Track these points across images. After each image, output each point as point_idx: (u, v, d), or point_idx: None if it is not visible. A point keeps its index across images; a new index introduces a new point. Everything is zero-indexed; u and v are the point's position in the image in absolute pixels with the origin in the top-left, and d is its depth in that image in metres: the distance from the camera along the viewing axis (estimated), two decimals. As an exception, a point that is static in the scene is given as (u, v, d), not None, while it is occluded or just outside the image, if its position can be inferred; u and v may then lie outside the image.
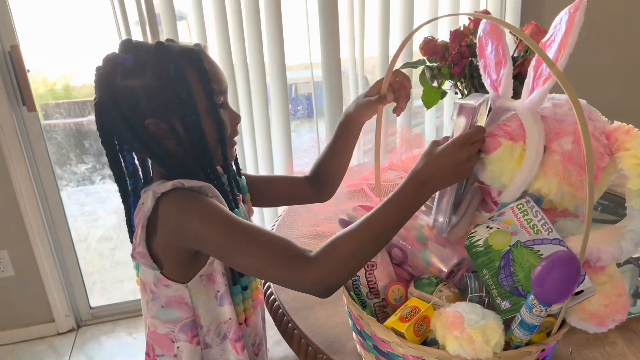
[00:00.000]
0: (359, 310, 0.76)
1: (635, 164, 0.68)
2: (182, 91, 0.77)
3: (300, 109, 2.44)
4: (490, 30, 0.83)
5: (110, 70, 0.78)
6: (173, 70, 0.77)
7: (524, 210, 0.73)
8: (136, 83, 0.77)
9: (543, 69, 0.73)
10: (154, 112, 0.78)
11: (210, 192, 0.80)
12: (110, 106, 0.77)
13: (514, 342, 0.67)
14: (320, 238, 1.18)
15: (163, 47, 0.79)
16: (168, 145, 0.80)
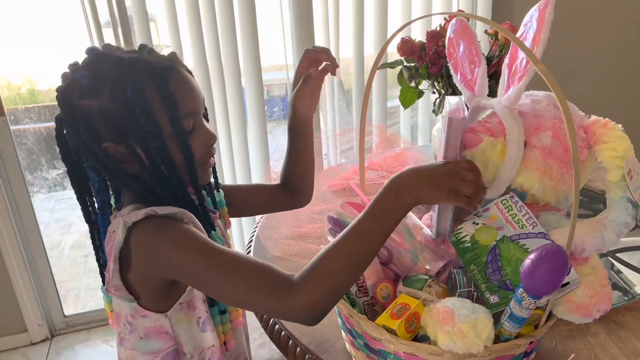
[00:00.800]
0: (349, 309, 0.76)
1: (614, 156, 0.70)
2: (141, 115, 0.70)
3: (276, 111, 2.44)
4: (460, 31, 0.85)
5: (68, 87, 0.72)
6: (131, 91, 0.70)
7: (508, 205, 0.74)
8: (92, 104, 0.71)
9: (518, 66, 0.75)
10: (111, 136, 0.72)
11: (185, 217, 0.74)
12: (69, 124, 0.73)
13: (504, 336, 0.68)
14: (303, 239, 1.18)
15: (124, 62, 0.71)
16: (130, 169, 0.74)
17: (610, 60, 2.31)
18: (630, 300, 0.98)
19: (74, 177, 0.78)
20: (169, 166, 0.74)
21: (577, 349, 0.85)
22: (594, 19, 2.25)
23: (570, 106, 0.75)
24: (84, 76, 0.71)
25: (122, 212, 0.74)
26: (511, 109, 0.74)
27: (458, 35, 0.84)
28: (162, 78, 0.72)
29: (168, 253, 0.69)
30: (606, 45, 2.28)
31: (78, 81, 0.71)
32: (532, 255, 0.62)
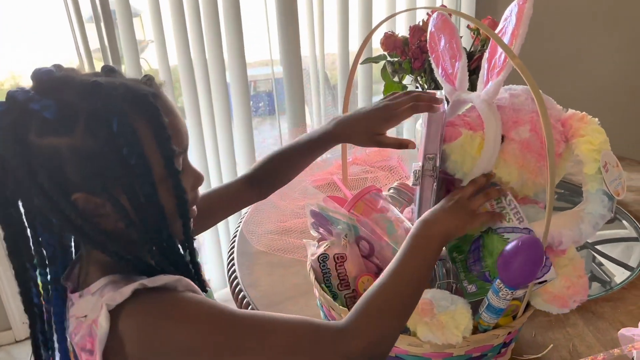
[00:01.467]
0: (330, 302, 0.76)
1: (590, 149, 0.71)
2: (131, 155, 0.56)
3: (261, 106, 2.43)
4: (441, 25, 0.85)
5: (21, 120, 0.54)
6: (117, 125, 0.55)
7: (498, 198, 0.75)
8: (60, 143, 0.54)
9: (497, 60, 0.75)
10: (85, 184, 0.56)
11: (180, 285, 0.60)
12: (20, 170, 0.54)
13: (482, 326, 0.69)
14: (287, 233, 1.19)
15: (100, 88, 0.55)
16: (105, 224, 0.60)
17: (594, 58, 2.34)
18: (608, 291, 1.00)
19: (14, 242, 0.60)
20: (159, 217, 0.60)
21: (556, 339, 0.87)
22: (580, 17, 2.28)
23: (548, 100, 0.76)
24: (48, 107, 0.54)
25: (91, 289, 0.59)
26: (489, 103, 0.75)
27: (439, 29, 0.85)
28: (152, 108, 0.58)
29: (177, 336, 0.55)
30: (592, 43, 2.31)
31: (37, 114, 0.54)
32: (509, 247, 0.63)
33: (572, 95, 1.82)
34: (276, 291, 1.03)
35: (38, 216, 0.60)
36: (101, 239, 0.59)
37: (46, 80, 0.56)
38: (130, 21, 1.75)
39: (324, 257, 0.81)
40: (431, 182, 0.79)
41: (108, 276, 0.59)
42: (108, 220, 0.59)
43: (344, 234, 0.83)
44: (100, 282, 0.59)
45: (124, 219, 0.58)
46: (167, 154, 0.59)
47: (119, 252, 0.59)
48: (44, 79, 0.57)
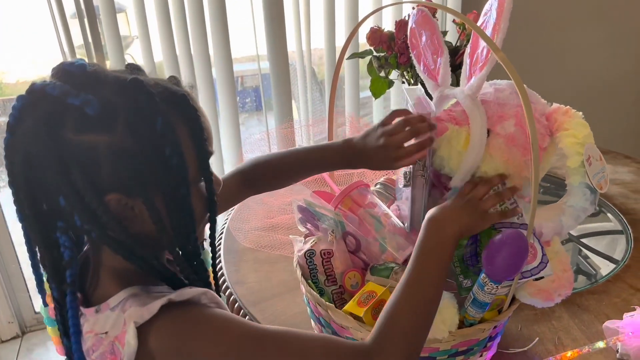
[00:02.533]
0: (317, 298, 0.76)
1: (574, 142, 0.71)
2: (173, 156, 0.54)
3: (248, 102, 2.42)
4: (422, 21, 0.84)
5: (56, 114, 0.52)
6: (161, 125, 0.53)
7: None
8: (99, 140, 0.52)
9: (479, 55, 0.75)
10: (121, 185, 0.54)
11: (205, 298, 0.58)
12: (52, 168, 0.52)
13: (468, 320, 0.69)
14: (274, 230, 1.18)
15: (141, 86, 0.53)
16: (133, 227, 0.57)
17: (580, 53, 2.35)
18: (593, 284, 1.01)
19: (44, 240, 0.57)
20: (190, 219, 0.58)
21: (542, 332, 0.87)
22: (566, 12, 2.29)
23: (533, 94, 0.76)
24: (89, 102, 0.51)
25: (109, 303, 0.57)
26: (474, 97, 0.75)
27: (420, 25, 0.85)
28: (191, 109, 0.57)
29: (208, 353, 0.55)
30: (577, 38, 2.32)
31: (76, 109, 0.51)
32: (493, 241, 0.63)
33: (558, 89, 1.83)
34: (263, 288, 1.03)
35: (61, 217, 0.56)
36: (129, 243, 0.56)
37: (80, 74, 0.53)
38: (114, 17, 1.73)
39: (311, 253, 0.81)
40: (422, 182, 0.79)
41: (127, 289, 0.57)
42: (136, 223, 0.57)
43: (330, 230, 0.83)
44: (119, 295, 0.57)
45: (157, 221, 0.55)
46: (204, 155, 0.59)
47: (145, 257, 0.57)
48: (77, 73, 0.53)
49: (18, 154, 0.53)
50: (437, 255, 0.64)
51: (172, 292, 0.57)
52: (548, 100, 0.78)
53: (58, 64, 0.54)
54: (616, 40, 2.32)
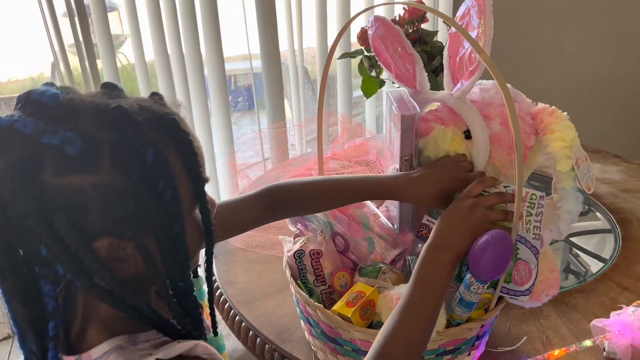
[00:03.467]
0: (305, 298, 0.76)
1: (562, 146, 0.72)
2: (166, 190, 0.48)
3: (240, 101, 2.42)
4: (384, 31, 0.83)
5: (31, 156, 0.45)
6: (152, 156, 0.47)
7: (533, 201, 0.71)
8: (84, 182, 0.46)
9: (465, 58, 0.75)
10: (111, 227, 0.48)
11: (196, 351, 0.54)
12: (31, 217, 0.45)
13: (455, 320, 0.70)
14: (265, 230, 1.18)
15: (125, 114, 0.47)
16: (124, 269, 0.51)
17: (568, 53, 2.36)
18: (581, 282, 1.01)
19: (25, 293, 0.50)
20: (184, 255, 0.52)
21: (530, 331, 0.88)
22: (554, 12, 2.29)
23: (518, 94, 0.77)
24: (69, 140, 0.45)
25: (91, 354, 0.52)
26: (464, 100, 0.75)
27: (381, 37, 0.84)
28: (182, 133, 0.51)
29: None
30: (566, 38, 2.33)
31: (54, 149, 0.45)
32: (478, 242, 0.63)
33: (547, 88, 1.84)
34: (253, 288, 1.03)
35: (43, 265, 0.50)
36: (118, 292, 0.50)
37: (53, 106, 0.46)
38: (105, 16, 1.72)
39: (300, 254, 0.81)
40: None
41: (112, 340, 0.52)
42: (126, 265, 0.51)
43: (319, 230, 0.83)
44: (103, 346, 0.52)
45: (149, 263, 0.50)
46: (199, 183, 0.53)
47: (136, 305, 0.51)
48: (49, 105, 0.46)
49: None
50: (435, 282, 0.64)
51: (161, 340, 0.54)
52: (538, 99, 0.79)
53: (25, 93, 0.48)
54: (607, 40, 2.33)
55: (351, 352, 0.74)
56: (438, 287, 0.64)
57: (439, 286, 0.64)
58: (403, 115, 0.73)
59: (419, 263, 0.65)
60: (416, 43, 1.25)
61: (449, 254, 0.65)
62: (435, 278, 0.64)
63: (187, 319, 0.55)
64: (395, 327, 0.61)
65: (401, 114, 0.72)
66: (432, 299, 0.63)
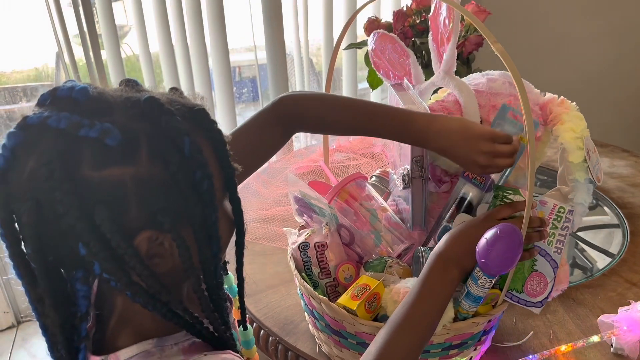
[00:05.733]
0: (310, 291, 0.75)
1: (574, 137, 0.71)
2: (203, 180, 0.48)
3: (245, 92, 2.40)
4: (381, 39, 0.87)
5: (69, 151, 0.44)
6: (189, 146, 0.47)
7: (560, 215, 0.70)
8: (124, 173, 0.45)
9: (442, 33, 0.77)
10: (152, 221, 0.47)
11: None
12: (71, 213, 0.44)
13: (462, 314, 0.69)
14: (270, 222, 1.17)
15: (158, 105, 0.47)
16: (160, 267, 0.50)
17: (576, 44, 2.34)
18: (589, 278, 1.00)
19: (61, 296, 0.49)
20: (218, 247, 0.51)
21: (537, 326, 0.87)
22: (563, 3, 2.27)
23: (526, 84, 0.76)
24: (108, 132, 0.44)
25: (119, 356, 0.52)
26: (451, 73, 0.76)
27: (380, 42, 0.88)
28: (212, 124, 0.51)
29: None
30: (574, 29, 2.30)
31: (96, 141, 0.44)
32: (488, 235, 0.62)
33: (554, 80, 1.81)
34: (257, 280, 1.02)
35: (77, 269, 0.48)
36: (155, 289, 0.48)
37: (85, 100, 0.46)
38: (110, 6, 1.71)
39: (305, 246, 0.80)
40: (420, 183, 0.79)
41: (141, 344, 0.51)
42: (164, 261, 0.50)
43: (324, 222, 0.82)
44: (131, 350, 0.51)
45: (185, 255, 0.49)
46: (230, 172, 0.53)
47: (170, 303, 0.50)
48: (80, 99, 0.46)
49: (20, 202, 0.44)
50: (439, 297, 0.64)
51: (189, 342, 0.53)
52: (544, 91, 0.78)
53: (50, 91, 0.47)
54: (614, 32, 2.31)
55: (356, 345, 0.73)
56: (441, 301, 0.64)
57: (442, 300, 0.64)
58: None
59: (426, 271, 0.65)
60: (423, 34, 1.24)
61: (456, 270, 0.65)
62: (440, 292, 0.64)
63: (217, 314, 0.54)
64: (394, 337, 0.61)
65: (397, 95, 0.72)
66: (433, 311, 0.64)
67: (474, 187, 0.73)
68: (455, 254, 0.65)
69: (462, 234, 0.67)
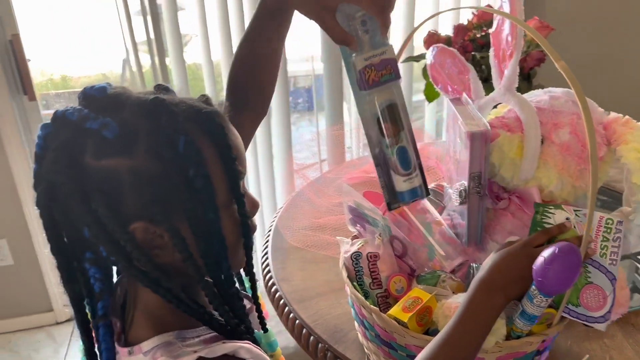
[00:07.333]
0: (362, 301, 0.76)
1: (638, 157, 0.69)
2: (197, 178, 0.51)
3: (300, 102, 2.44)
4: (440, 53, 0.88)
5: (75, 141, 0.50)
6: (184, 145, 0.51)
7: (609, 227, 0.67)
8: (120, 165, 0.50)
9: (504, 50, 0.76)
10: (146, 211, 0.51)
11: (244, 352, 0.55)
12: (73, 197, 0.50)
13: (515, 333, 0.68)
14: (321, 230, 1.19)
15: (163, 105, 0.51)
16: (161, 257, 0.54)
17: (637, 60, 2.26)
18: (650, 303, 0.96)
19: (68, 272, 0.54)
20: (221, 246, 0.55)
21: (592, 350, 0.84)
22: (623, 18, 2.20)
23: (590, 103, 0.74)
24: (107, 125, 0.49)
25: (142, 348, 0.55)
26: (510, 88, 0.76)
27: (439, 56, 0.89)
28: (218, 127, 0.54)
29: None
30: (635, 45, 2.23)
31: (95, 133, 0.49)
32: (545, 253, 0.61)
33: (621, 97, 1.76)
34: (308, 286, 1.03)
35: (86, 248, 0.54)
36: (155, 275, 0.53)
37: (100, 98, 0.52)
38: (175, 15, 1.78)
39: (357, 256, 0.81)
40: (477, 199, 0.78)
41: (161, 335, 0.55)
42: (164, 252, 0.54)
43: (378, 233, 0.83)
44: (153, 341, 0.54)
45: (183, 250, 0.53)
46: (233, 176, 0.55)
47: (172, 289, 0.54)
48: (97, 96, 0.52)
49: (42, 184, 0.51)
50: (481, 322, 0.62)
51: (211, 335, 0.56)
52: (607, 109, 0.76)
53: (82, 89, 0.53)
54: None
55: (406, 357, 0.74)
56: (482, 327, 0.62)
57: (483, 327, 0.62)
58: (472, 133, 0.71)
59: (470, 295, 0.63)
60: (483, 48, 1.23)
61: (500, 298, 0.63)
62: (483, 318, 0.62)
63: (230, 313, 0.56)
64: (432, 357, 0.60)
65: (469, 131, 0.71)
66: (474, 337, 0.62)
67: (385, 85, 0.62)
68: (499, 281, 0.64)
69: (504, 261, 0.65)
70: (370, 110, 0.62)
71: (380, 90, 0.61)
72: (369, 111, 0.62)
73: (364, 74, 0.59)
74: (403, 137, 0.63)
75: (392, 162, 0.64)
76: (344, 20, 0.59)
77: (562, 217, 0.70)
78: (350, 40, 0.59)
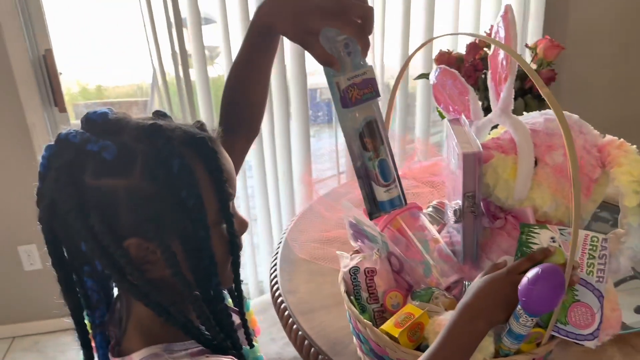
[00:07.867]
0: (357, 315, 0.78)
1: (630, 180, 0.70)
2: (189, 198, 0.55)
3: (320, 115, 2.48)
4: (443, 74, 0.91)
5: (77, 161, 0.54)
6: (178, 167, 0.54)
7: (595, 244, 0.69)
8: (117, 184, 0.54)
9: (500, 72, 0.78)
10: (139, 229, 0.55)
11: None
12: (72, 213, 0.54)
13: (503, 351, 0.69)
14: (330, 244, 1.21)
15: (159, 130, 0.55)
16: (153, 272, 0.58)
17: None
18: (652, 325, 0.95)
19: (67, 285, 0.59)
20: (210, 263, 0.58)
21: (590, 371, 0.84)
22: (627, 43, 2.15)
23: (585, 125, 0.75)
24: (107, 147, 0.53)
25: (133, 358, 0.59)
26: (506, 110, 0.77)
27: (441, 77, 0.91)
28: (211, 151, 0.58)
29: None
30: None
31: (94, 155, 0.54)
32: (530, 274, 0.62)
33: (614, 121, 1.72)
34: (312, 299, 1.06)
35: (84, 262, 0.58)
36: (146, 289, 0.57)
37: (101, 122, 0.56)
38: (200, 28, 1.83)
39: (355, 270, 0.83)
40: (472, 218, 0.79)
41: (150, 347, 0.59)
42: (156, 268, 0.57)
43: (376, 249, 0.85)
44: (141, 353, 0.58)
45: (173, 265, 0.56)
46: (224, 197, 0.59)
47: (162, 303, 0.57)
48: (98, 121, 0.56)
49: (44, 201, 0.55)
50: (462, 347, 0.64)
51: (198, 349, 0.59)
52: (606, 132, 0.77)
53: (85, 114, 0.58)
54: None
55: (398, 372, 0.75)
56: (465, 352, 0.63)
57: (466, 352, 0.63)
58: (465, 154, 0.72)
59: (453, 320, 0.64)
60: (494, 67, 1.24)
61: (483, 323, 0.64)
62: (464, 342, 0.64)
63: (217, 328, 0.60)
64: None
65: (462, 152, 0.72)
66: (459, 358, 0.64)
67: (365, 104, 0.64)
68: (483, 307, 0.65)
69: (488, 287, 0.66)
70: (353, 126, 0.65)
71: (361, 107, 0.64)
72: (351, 127, 0.65)
73: (347, 93, 0.62)
74: (382, 151, 0.66)
75: (374, 174, 0.66)
76: (326, 43, 0.62)
77: (546, 236, 0.71)
78: (334, 61, 0.62)
